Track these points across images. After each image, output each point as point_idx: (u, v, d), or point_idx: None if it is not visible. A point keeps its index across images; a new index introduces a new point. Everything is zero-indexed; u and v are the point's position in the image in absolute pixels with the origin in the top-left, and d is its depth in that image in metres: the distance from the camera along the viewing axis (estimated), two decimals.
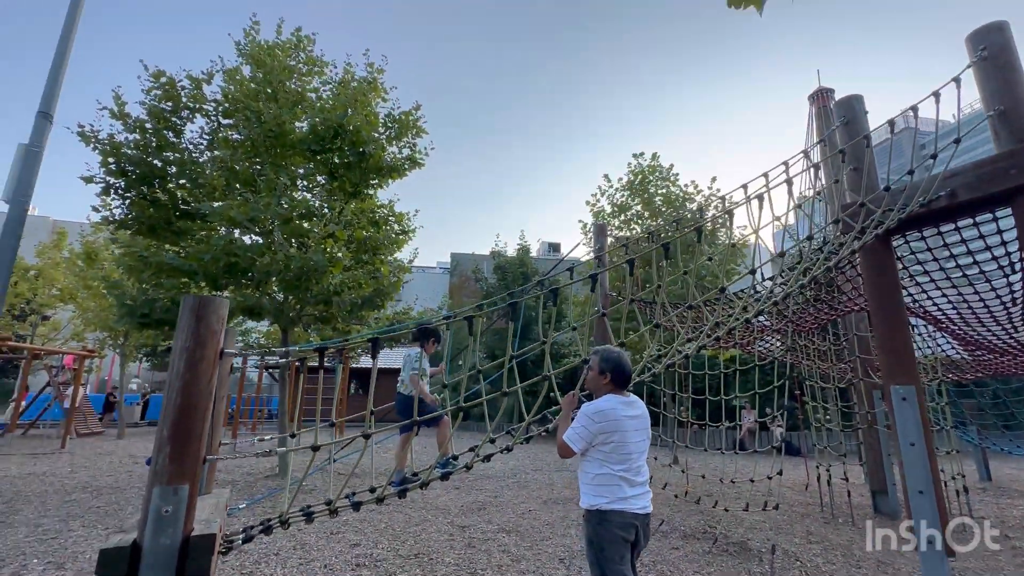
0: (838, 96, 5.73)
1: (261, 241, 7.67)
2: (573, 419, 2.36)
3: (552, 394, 2.93)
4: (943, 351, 6.65)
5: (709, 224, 12.14)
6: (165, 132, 7.62)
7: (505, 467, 9.28)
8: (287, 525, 2.22)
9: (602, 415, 2.28)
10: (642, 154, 14.64)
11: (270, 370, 15.32)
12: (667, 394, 7.18)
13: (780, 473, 5.36)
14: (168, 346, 12.36)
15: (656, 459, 7.23)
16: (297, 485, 2.35)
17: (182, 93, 7.70)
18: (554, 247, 51.81)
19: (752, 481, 6.15)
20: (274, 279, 7.45)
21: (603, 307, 6.14)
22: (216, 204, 7.47)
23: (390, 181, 8.71)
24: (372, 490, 2.47)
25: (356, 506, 2.33)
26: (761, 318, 5.88)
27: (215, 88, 8.00)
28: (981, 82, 3.33)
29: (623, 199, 14.55)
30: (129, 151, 7.34)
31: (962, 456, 6.94)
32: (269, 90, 7.89)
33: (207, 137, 8.08)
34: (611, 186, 14.93)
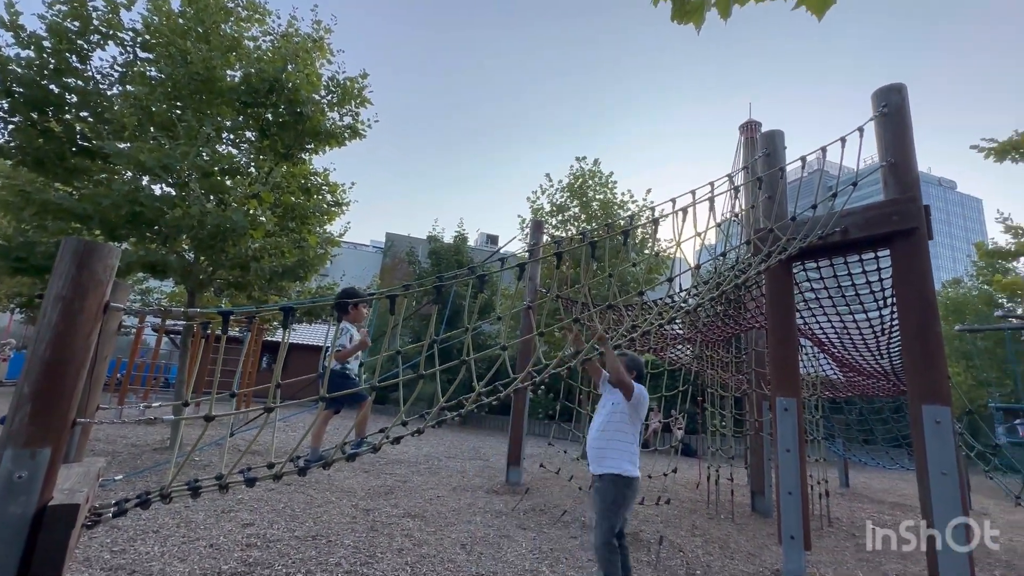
0: (764, 129, 6.20)
1: (174, 193, 6.99)
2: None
3: (474, 384, 2.94)
4: (823, 370, 7.46)
5: (639, 232, 12.70)
6: (68, 55, 6.70)
7: (419, 452, 9.22)
8: (169, 499, 2.06)
9: (646, 394, 3.12)
10: (584, 158, 15.03)
11: (170, 335, 14.04)
12: (583, 391, 7.47)
13: (675, 471, 5.77)
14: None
15: (565, 452, 7.51)
16: (186, 456, 2.19)
17: (94, 14, 6.81)
18: (492, 239, 51.90)
19: (650, 477, 6.56)
20: (185, 236, 6.83)
21: (531, 300, 6.26)
22: (123, 145, 6.70)
23: (327, 148, 8.27)
24: (270, 466, 2.35)
25: (250, 482, 2.20)
26: (675, 326, 6.28)
27: (135, 16, 7.16)
28: (879, 135, 3.75)
29: (563, 199, 14.86)
30: (19, 69, 6.39)
31: (827, 464, 7.85)
32: (200, 29, 7.19)
33: (120, 69, 7.20)
34: (552, 185, 15.19)
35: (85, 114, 6.99)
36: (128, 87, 7.02)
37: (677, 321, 5.48)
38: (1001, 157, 8.68)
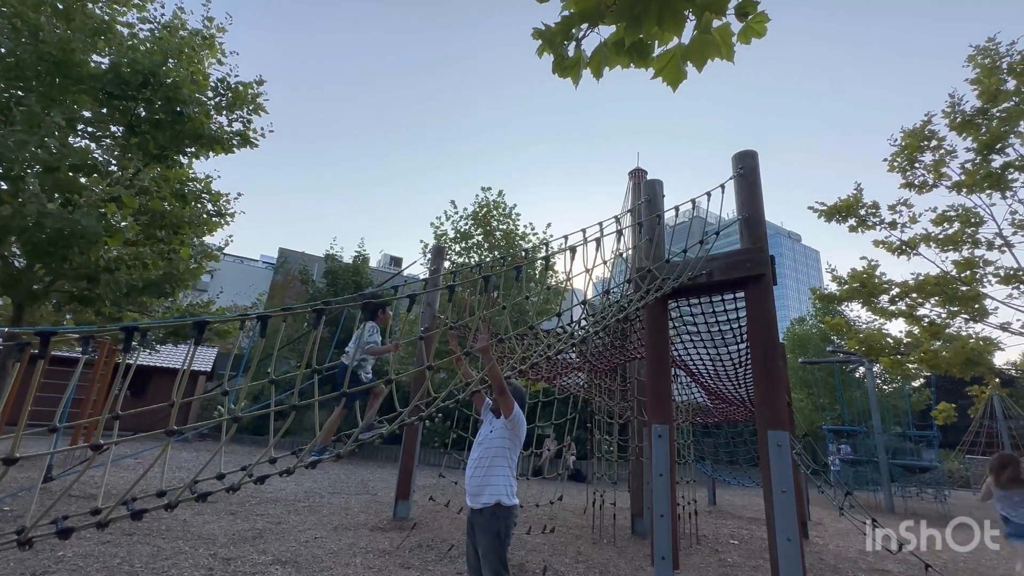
0: (649, 176, 6.86)
1: (5, 187, 5.90)
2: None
3: (357, 419, 2.77)
4: (695, 398, 8.22)
5: (538, 265, 13.19)
6: None
7: (298, 488, 8.44)
8: None
9: (523, 417, 3.05)
10: (490, 188, 15.42)
11: None
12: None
13: (560, 498, 5.91)
14: None
15: (456, 484, 7.34)
16: None
17: None
18: (396, 261, 50.60)
19: (538, 506, 6.65)
20: (14, 238, 5.76)
21: (426, 328, 6.15)
22: None
23: (211, 153, 7.59)
24: (95, 512, 1.98)
25: (64, 533, 1.83)
26: (569, 356, 6.54)
27: None
28: (737, 192, 4.32)
29: (467, 227, 15.02)
30: None
31: (697, 485, 8.56)
32: (61, 5, 6.30)
33: None
34: (456, 212, 15.32)
35: None
36: None
37: (567, 351, 5.72)
38: (829, 218, 10.48)
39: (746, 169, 4.31)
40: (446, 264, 11.02)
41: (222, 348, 21.46)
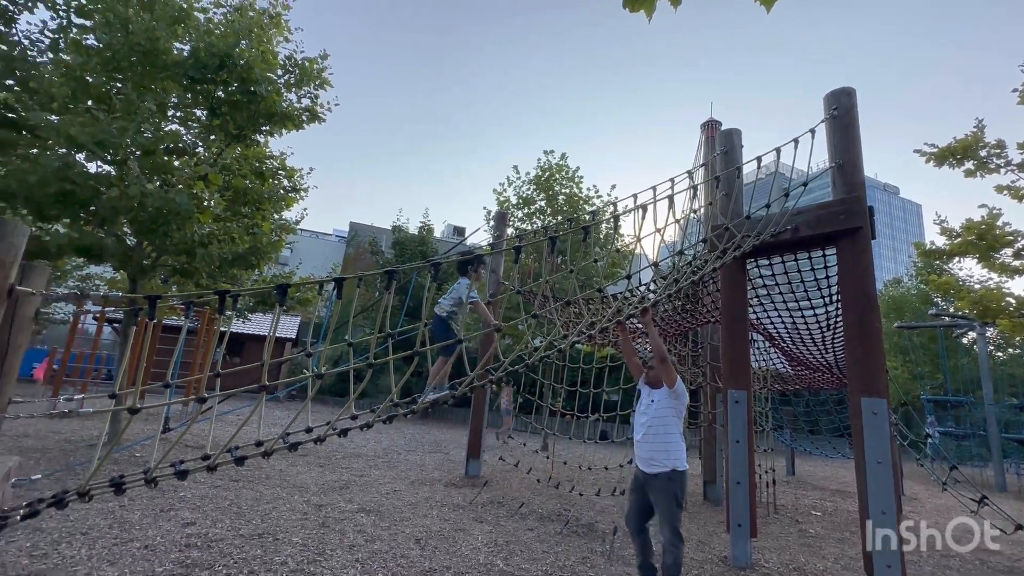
0: (723, 127, 6.32)
1: (113, 172, 6.54)
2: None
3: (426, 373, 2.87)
4: (773, 364, 7.76)
5: (602, 227, 12.83)
6: None
7: (377, 446, 9.05)
8: (88, 497, 1.90)
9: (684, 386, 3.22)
10: (552, 152, 15.02)
11: (112, 323, 13.25)
12: (544, 384, 7.51)
13: (631, 462, 5.84)
14: None
15: (525, 445, 7.53)
16: (107, 452, 2.03)
17: None
18: (459, 231, 51.42)
19: (607, 468, 6.66)
20: (123, 218, 6.40)
21: (492, 293, 6.20)
22: (53, 117, 6.20)
23: (284, 131, 7.93)
24: (205, 458, 2.20)
25: (181, 475, 2.06)
26: (634, 321, 6.37)
27: None
28: (829, 136, 3.87)
29: (529, 192, 14.83)
30: None
31: (775, 454, 8.19)
32: None
33: (51, 35, 6.65)
34: (519, 178, 15.13)
35: (11, 82, 6.42)
36: (61, 55, 6.49)
37: (635, 318, 5.56)
38: (940, 162, 9.22)
39: (841, 109, 3.84)
40: (509, 230, 10.99)
41: (304, 317, 23.14)
